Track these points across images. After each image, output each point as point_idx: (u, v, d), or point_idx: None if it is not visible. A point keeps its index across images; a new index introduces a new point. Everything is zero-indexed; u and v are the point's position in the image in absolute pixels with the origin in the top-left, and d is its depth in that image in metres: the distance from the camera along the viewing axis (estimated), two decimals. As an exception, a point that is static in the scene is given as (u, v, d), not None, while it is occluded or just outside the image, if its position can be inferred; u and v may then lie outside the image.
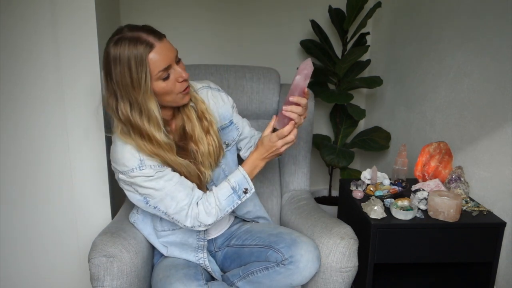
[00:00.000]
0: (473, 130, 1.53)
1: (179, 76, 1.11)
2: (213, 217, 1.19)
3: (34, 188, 1.53)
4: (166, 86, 1.10)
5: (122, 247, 1.19)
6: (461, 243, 1.35)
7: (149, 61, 1.04)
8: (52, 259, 1.60)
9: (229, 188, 1.19)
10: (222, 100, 1.31)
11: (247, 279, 1.26)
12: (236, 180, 1.19)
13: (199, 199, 1.19)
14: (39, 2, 1.38)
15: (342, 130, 2.24)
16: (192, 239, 1.28)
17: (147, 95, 1.07)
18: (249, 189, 1.20)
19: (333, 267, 1.25)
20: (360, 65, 2.16)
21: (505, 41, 1.38)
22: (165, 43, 1.08)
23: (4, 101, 1.44)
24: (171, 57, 1.08)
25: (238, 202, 1.20)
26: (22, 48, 1.41)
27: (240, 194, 1.20)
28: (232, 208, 1.20)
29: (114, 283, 1.15)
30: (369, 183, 1.60)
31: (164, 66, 1.07)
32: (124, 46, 1.03)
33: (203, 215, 1.18)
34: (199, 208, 1.17)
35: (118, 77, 1.05)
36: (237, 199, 1.20)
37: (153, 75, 1.06)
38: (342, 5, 2.12)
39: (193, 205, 1.17)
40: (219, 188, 1.20)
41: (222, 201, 1.18)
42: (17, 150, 1.49)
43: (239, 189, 1.19)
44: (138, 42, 1.04)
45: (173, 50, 1.10)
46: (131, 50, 1.03)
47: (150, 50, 1.04)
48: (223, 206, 1.19)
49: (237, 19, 2.22)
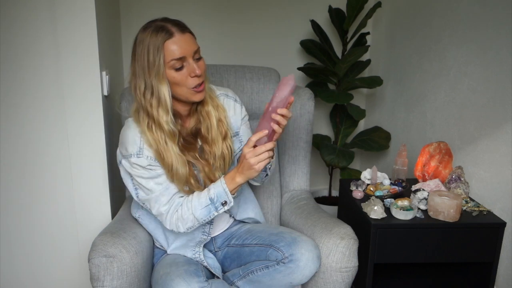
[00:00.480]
0: (473, 130, 1.53)
1: (192, 71, 1.14)
2: (189, 224, 1.20)
3: (34, 188, 1.53)
4: (177, 77, 1.14)
5: (122, 247, 1.19)
6: (461, 243, 1.35)
7: (165, 47, 1.11)
8: (52, 259, 1.60)
9: (207, 198, 1.18)
10: (233, 110, 1.33)
11: (247, 278, 1.26)
12: (216, 192, 1.18)
13: (178, 206, 1.20)
14: (39, 2, 1.38)
15: (342, 130, 2.24)
16: (198, 232, 1.29)
17: (160, 78, 1.12)
18: (228, 202, 1.18)
19: (333, 267, 1.25)
20: (360, 65, 2.16)
21: (505, 41, 1.38)
22: (187, 36, 1.14)
23: (4, 101, 1.44)
24: (188, 50, 1.13)
25: (215, 214, 1.19)
26: (22, 48, 1.41)
27: (217, 206, 1.18)
28: (209, 218, 1.19)
29: (114, 283, 1.15)
30: (369, 183, 1.60)
31: (178, 55, 1.12)
32: (149, 31, 1.13)
33: (180, 222, 1.19)
34: (177, 214, 1.19)
35: (139, 58, 1.14)
36: (214, 210, 1.18)
37: (166, 62, 1.12)
38: (342, 5, 2.12)
39: (171, 211, 1.20)
40: (198, 197, 1.19)
41: (198, 210, 1.18)
42: (17, 150, 1.49)
43: (217, 201, 1.18)
44: (160, 30, 1.12)
45: (193, 45, 1.15)
46: (153, 35, 1.12)
47: (169, 38, 1.11)
48: (198, 215, 1.18)
49: (237, 19, 2.22)
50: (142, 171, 1.18)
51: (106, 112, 1.51)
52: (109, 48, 1.69)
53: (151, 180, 1.18)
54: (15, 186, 1.51)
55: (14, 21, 1.39)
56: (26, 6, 1.38)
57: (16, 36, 1.40)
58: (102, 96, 1.46)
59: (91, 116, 1.46)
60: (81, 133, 1.47)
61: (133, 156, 1.17)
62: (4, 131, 1.46)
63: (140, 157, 1.16)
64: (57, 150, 1.50)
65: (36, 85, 1.45)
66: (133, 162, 1.17)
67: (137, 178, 1.19)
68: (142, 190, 1.20)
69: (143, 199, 1.22)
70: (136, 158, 1.16)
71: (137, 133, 1.18)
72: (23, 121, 1.47)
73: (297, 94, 1.61)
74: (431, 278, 1.61)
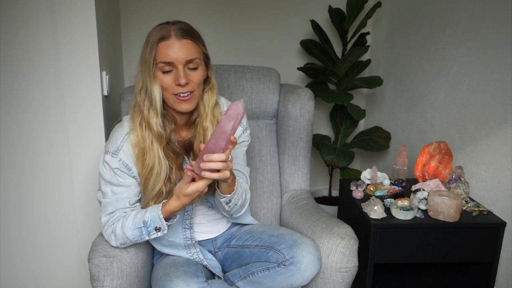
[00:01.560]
0: (473, 130, 1.53)
1: (176, 78, 1.12)
2: (120, 241, 1.17)
3: (34, 188, 1.53)
4: (163, 79, 1.13)
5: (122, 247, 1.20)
6: (461, 243, 1.35)
7: (159, 48, 1.12)
8: (52, 259, 1.60)
9: (141, 220, 1.14)
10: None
11: (247, 279, 1.26)
12: (150, 216, 1.13)
13: (116, 220, 1.18)
14: (39, 2, 1.38)
15: (342, 130, 2.24)
16: (179, 240, 1.28)
17: (151, 78, 1.13)
18: (162, 229, 1.15)
19: (333, 267, 1.25)
20: (360, 65, 2.16)
21: (505, 41, 1.38)
22: (183, 43, 1.12)
23: (4, 101, 1.44)
24: (179, 56, 1.12)
25: (146, 238, 1.16)
26: (22, 48, 1.41)
27: (150, 230, 1.14)
28: (141, 240, 1.16)
29: (114, 283, 1.15)
30: (369, 183, 1.60)
31: (166, 59, 1.11)
32: (155, 28, 1.14)
33: (113, 235, 1.18)
34: (112, 227, 1.18)
35: (142, 52, 1.16)
36: (146, 234, 1.15)
37: (157, 62, 1.12)
38: (342, 5, 2.12)
39: (109, 223, 1.19)
40: (134, 217, 1.16)
41: (129, 230, 1.15)
42: (17, 150, 1.49)
43: (150, 225, 1.14)
44: (161, 29, 1.13)
45: (188, 54, 1.12)
46: (154, 33, 1.13)
47: (163, 40, 1.11)
48: (130, 235, 1.15)
49: (237, 19, 2.22)
50: (107, 172, 1.17)
51: (106, 112, 1.51)
52: (109, 48, 1.69)
53: (109, 185, 1.18)
54: (15, 186, 1.51)
55: (14, 21, 1.39)
56: (26, 6, 1.38)
57: (16, 36, 1.40)
58: (102, 96, 1.46)
59: (91, 116, 1.46)
60: (81, 133, 1.47)
61: (108, 154, 1.16)
62: (4, 131, 1.46)
63: (113, 157, 1.16)
64: (57, 150, 1.50)
65: (36, 85, 1.45)
66: (105, 160, 1.17)
67: (100, 178, 1.19)
68: (100, 190, 1.20)
69: (97, 199, 1.22)
70: (110, 157, 1.16)
71: (123, 134, 1.18)
72: (23, 121, 1.47)
73: (297, 94, 1.61)
74: (431, 278, 1.61)
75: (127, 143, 1.17)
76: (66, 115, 1.45)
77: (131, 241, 1.17)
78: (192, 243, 1.29)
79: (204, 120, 1.21)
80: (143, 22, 2.12)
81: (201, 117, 1.21)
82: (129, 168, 1.17)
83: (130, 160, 1.17)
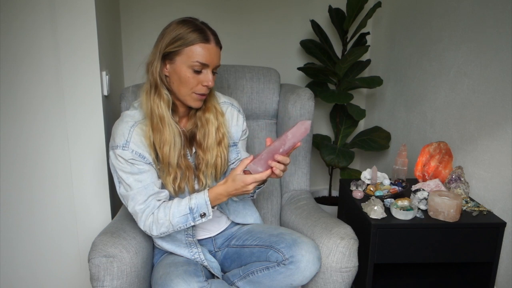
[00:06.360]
0: (473, 130, 1.53)
1: (206, 81, 1.18)
2: (163, 229, 1.19)
3: (34, 188, 1.53)
4: (190, 78, 1.16)
5: (122, 247, 1.20)
6: (461, 243, 1.35)
7: (196, 47, 1.14)
8: (52, 259, 1.60)
9: (187, 207, 1.18)
10: (236, 120, 1.34)
11: (247, 278, 1.26)
12: (197, 202, 1.18)
13: (154, 208, 1.20)
14: (39, 2, 1.38)
15: (342, 130, 2.24)
16: (180, 235, 1.29)
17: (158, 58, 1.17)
18: (207, 215, 1.19)
19: (333, 267, 1.25)
20: (360, 65, 2.16)
21: (505, 41, 1.38)
22: (218, 50, 1.19)
23: (4, 101, 1.44)
24: (213, 61, 1.18)
25: (191, 223, 1.19)
26: (22, 48, 1.41)
27: (196, 216, 1.18)
28: (185, 226, 1.19)
29: (114, 283, 1.15)
30: (369, 183, 1.60)
31: (204, 61, 1.15)
32: (187, 27, 1.15)
33: (154, 225, 1.19)
34: (152, 217, 1.19)
35: (167, 36, 1.16)
36: (191, 220, 1.18)
37: (190, 61, 1.15)
38: (342, 5, 2.12)
39: (147, 212, 1.20)
40: (178, 204, 1.19)
41: (175, 217, 1.18)
42: (17, 150, 1.49)
43: (196, 212, 1.18)
44: (200, 31, 1.15)
45: (219, 60, 1.20)
46: (190, 32, 1.14)
47: (204, 42, 1.15)
48: (175, 222, 1.18)
49: (237, 19, 2.22)
50: (124, 165, 1.18)
51: (106, 112, 1.52)
52: (109, 48, 1.69)
53: (131, 175, 1.19)
54: (15, 186, 1.51)
55: (14, 21, 1.39)
56: (26, 6, 1.38)
57: (16, 36, 1.40)
58: (102, 96, 1.46)
59: (91, 116, 1.46)
60: (81, 133, 1.47)
61: (119, 148, 1.18)
62: (4, 131, 1.46)
63: (125, 150, 1.17)
64: (57, 150, 1.51)
65: (36, 85, 1.45)
66: (118, 154, 1.18)
67: (119, 172, 1.20)
68: (122, 185, 1.21)
69: (122, 195, 1.22)
70: (121, 150, 1.18)
71: (128, 127, 1.20)
72: (23, 121, 1.47)
73: (297, 94, 1.61)
74: (431, 278, 1.61)
75: (135, 134, 1.19)
76: (66, 115, 1.45)
77: (174, 229, 1.20)
78: (193, 240, 1.29)
79: (207, 112, 1.27)
80: (143, 22, 2.12)
81: (203, 110, 1.27)
82: (142, 156, 1.19)
83: (142, 148, 1.19)
